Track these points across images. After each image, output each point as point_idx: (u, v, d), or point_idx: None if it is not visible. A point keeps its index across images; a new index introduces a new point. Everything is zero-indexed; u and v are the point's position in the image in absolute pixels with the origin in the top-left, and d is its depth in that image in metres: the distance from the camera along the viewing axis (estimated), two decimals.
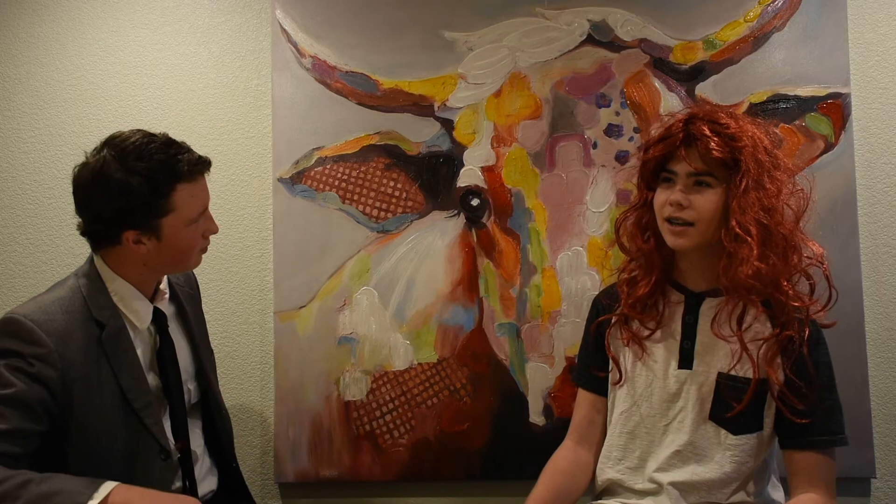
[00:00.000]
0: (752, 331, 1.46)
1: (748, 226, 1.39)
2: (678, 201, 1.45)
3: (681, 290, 1.55)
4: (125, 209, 1.45)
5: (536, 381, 1.98)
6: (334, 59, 2.06)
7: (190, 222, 1.51)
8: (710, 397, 1.48)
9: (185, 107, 2.13)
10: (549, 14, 2.02)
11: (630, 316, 1.56)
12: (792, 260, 1.43)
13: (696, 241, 1.46)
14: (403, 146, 2.04)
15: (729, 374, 1.47)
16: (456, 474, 2.00)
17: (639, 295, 1.55)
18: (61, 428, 1.43)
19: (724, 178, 1.44)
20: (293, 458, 2.02)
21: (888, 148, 1.98)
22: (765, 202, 1.41)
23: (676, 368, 1.51)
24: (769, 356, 1.44)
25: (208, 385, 1.68)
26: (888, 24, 1.99)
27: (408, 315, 2.02)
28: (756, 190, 1.41)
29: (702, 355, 1.50)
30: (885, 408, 1.95)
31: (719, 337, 1.47)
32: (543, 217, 2.00)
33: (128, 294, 1.53)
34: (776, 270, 1.41)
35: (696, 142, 1.44)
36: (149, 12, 2.15)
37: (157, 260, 1.52)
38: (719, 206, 1.44)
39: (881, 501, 1.95)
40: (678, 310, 1.54)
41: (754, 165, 1.41)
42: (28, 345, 1.40)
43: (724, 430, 1.46)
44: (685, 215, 1.45)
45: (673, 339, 1.53)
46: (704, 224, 1.44)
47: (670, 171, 1.48)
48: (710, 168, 1.44)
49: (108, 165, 1.44)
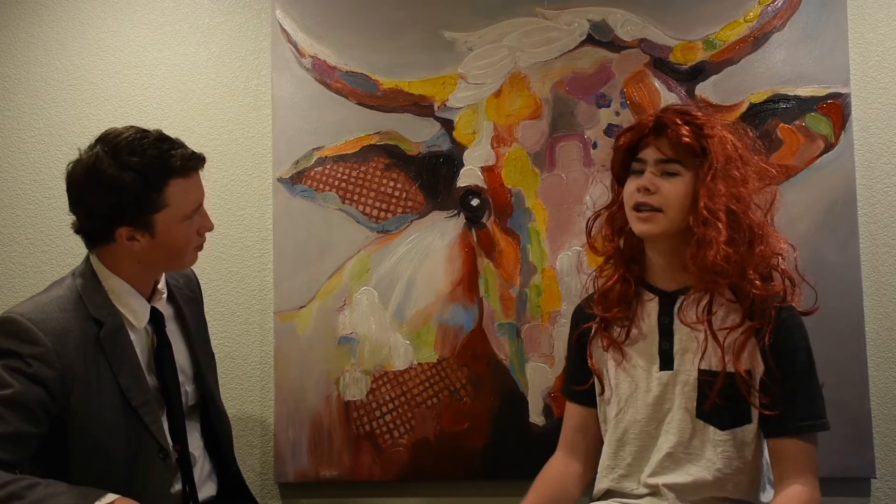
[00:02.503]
0: (721, 319, 1.46)
1: (717, 210, 1.41)
2: (645, 186, 1.46)
3: (653, 290, 1.54)
4: (118, 205, 1.44)
5: (536, 381, 1.98)
6: (334, 59, 2.06)
7: (184, 218, 1.50)
8: (694, 395, 1.47)
9: (185, 107, 2.12)
10: (549, 14, 2.02)
11: (608, 320, 1.56)
12: (757, 250, 1.44)
13: (663, 227, 1.46)
14: (403, 146, 2.04)
15: (706, 369, 1.47)
16: (456, 474, 2.00)
17: (606, 289, 1.56)
18: (61, 429, 1.43)
19: (693, 167, 1.46)
20: (293, 458, 2.01)
21: (888, 148, 1.98)
22: (732, 190, 1.43)
23: (658, 370, 1.51)
24: (738, 345, 1.44)
25: (207, 388, 1.67)
26: (888, 24, 1.99)
27: (408, 315, 2.02)
28: (724, 178, 1.43)
29: (681, 354, 1.50)
30: (885, 408, 1.95)
31: (686, 325, 1.48)
32: (543, 217, 2.00)
33: (124, 292, 1.52)
34: (743, 258, 1.42)
35: (665, 130, 1.47)
36: (149, 12, 2.15)
37: (152, 257, 1.51)
38: (687, 193, 1.45)
39: (881, 501, 1.95)
40: (653, 311, 1.53)
41: (722, 155, 1.44)
42: (26, 344, 1.40)
43: (711, 426, 1.46)
44: (652, 201, 1.46)
45: (651, 342, 1.53)
46: (672, 210, 1.45)
47: (640, 159, 1.50)
48: (678, 155, 1.46)
49: (101, 161, 1.44)
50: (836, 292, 1.91)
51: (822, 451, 1.48)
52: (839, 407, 1.88)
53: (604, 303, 1.57)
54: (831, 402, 1.49)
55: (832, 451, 1.86)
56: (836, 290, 1.91)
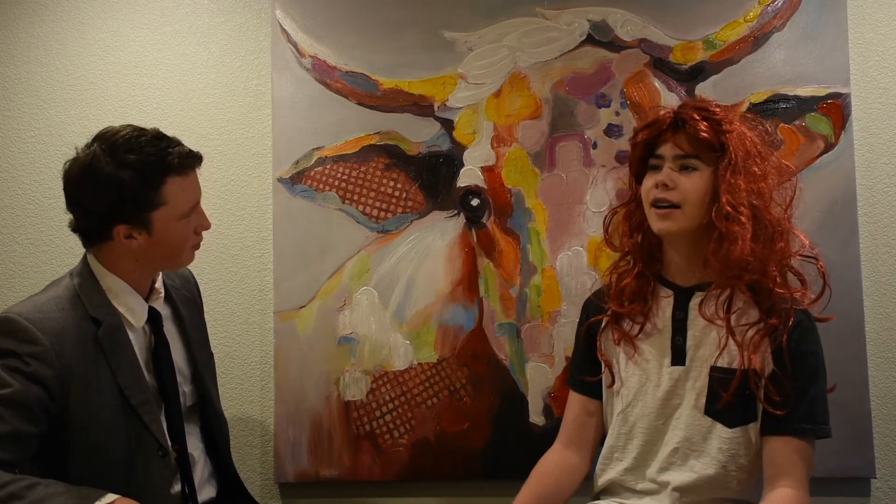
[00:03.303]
0: (739, 316, 1.46)
1: (739, 205, 1.40)
2: (664, 181, 1.46)
3: (669, 286, 1.54)
4: (115, 203, 1.44)
5: (536, 381, 1.98)
6: (334, 59, 2.06)
7: (181, 217, 1.51)
8: (704, 392, 1.47)
9: (185, 107, 2.12)
10: (549, 14, 2.02)
11: (620, 314, 1.56)
12: (777, 246, 1.43)
13: (681, 224, 1.46)
14: (403, 146, 2.04)
15: (720, 367, 1.47)
16: (456, 474, 2.00)
17: (623, 285, 1.56)
18: (60, 428, 1.43)
19: (711, 163, 1.45)
20: (293, 458, 2.01)
21: (888, 148, 1.98)
22: (753, 186, 1.42)
23: (670, 365, 1.51)
24: (754, 343, 1.43)
25: (205, 389, 1.66)
26: (888, 24, 1.99)
27: (408, 315, 2.02)
28: (744, 173, 1.42)
29: (694, 350, 1.49)
30: (885, 408, 1.95)
31: (706, 319, 1.47)
32: (543, 217, 2.00)
33: (121, 291, 1.52)
34: (765, 254, 1.42)
35: (684, 125, 1.46)
36: (149, 12, 2.15)
37: (149, 255, 1.51)
38: (706, 189, 1.44)
39: (881, 501, 1.95)
40: (667, 306, 1.53)
41: (741, 150, 1.43)
42: (24, 343, 1.40)
43: (719, 423, 1.46)
44: (671, 196, 1.46)
45: (664, 337, 1.53)
46: (691, 207, 1.45)
47: (658, 156, 1.49)
48: (696, 151, 1.45)
49: (98, 159, 1.44)
50: (837, 292, 1.89)
51: (822, 451, 1.48)
52: (839, 407, 1.87)
53: (619, 298, 1.56)
54: (831, 402, 1.49)
55: (832, 451, 1.86)
56: (836, 290, 1.88)
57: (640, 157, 1.53)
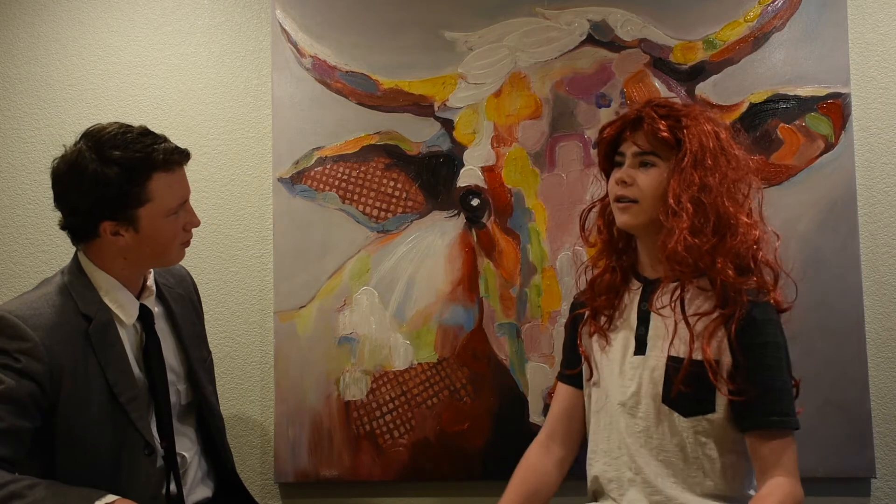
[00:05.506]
0: (693, 307, 1.47)
1: (683, 201, 1.43)
2: (623, 178, 1.51)
3: (640, 279, 1.58)
4: (101, 199, 1.44)
5: (536, 381, 1.99)
6: (334, 59, 2.06)
7: (168, 213, 1.50)
8: (661, 381, 1.49)
9: (185, 107, 2.12)
10: (549, 14, 2.02)
11: (596, 309, 1.59)
12: (729, 241, 1.44)
13: (640, 219, 1.50)
14: (403, 146, 2.04)
15: (674, 356, 1.48)
16: (456, 474, 2.00)
17: (596, 279, 1.60)
18: (49, 422, 1.43)
19: (669, 159, 1.48)
20: (293, 458, 2.01)
21: (888, 148, 1.98)
22: (704, 181, 1.44)
23: (632, 355, 1.53)
24: (708, 332, 1.45)
25: (201, 388, 1.65)
26: (888, 24, 1.99)
27: (408, 315, 2.02)
28: (695, 168, 1.44)
29: (654, 340, 1.51)
30: (885, 408, 1.95)
31: (654, 311, 1.50)
32: (543, 217, 2.00)
33: (112, 287, 1.52)
34: (712, 248, 1.43)
35: (643, 123, 1.50)
36: (149, 12, 2.15)
37: (137, 252, 1.51)
38: (662, 184, 1.48)
39: (881, 501, 1.95)
40: (636, 298, 1.56)
41: (697, 145, 1.45)
42: (12, 340, 1.40)
43: (675, 412, 1.47)
44: (629, 193, 1.50)
45: (630, 328, 1.55)
46: (647, 201, 1.48)
47: (620, 153, 1.54)
48: (654, 148, 1.49)
49: (84, 156, 1.44)
50: (837, 292, 1.92)
51: (822, 450, 1.48)
52: (839, 407, 1.88)
53: (592, 291, 1.61)
54: (832, 402, 1.49)
55: (832, 451, 1.86)
56: (836, 290, 1.91)
57: (606, 154, 1.58)
